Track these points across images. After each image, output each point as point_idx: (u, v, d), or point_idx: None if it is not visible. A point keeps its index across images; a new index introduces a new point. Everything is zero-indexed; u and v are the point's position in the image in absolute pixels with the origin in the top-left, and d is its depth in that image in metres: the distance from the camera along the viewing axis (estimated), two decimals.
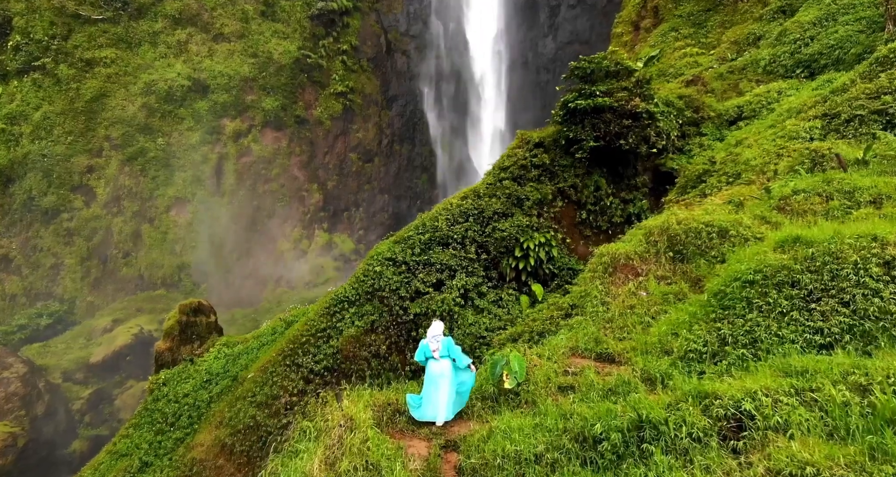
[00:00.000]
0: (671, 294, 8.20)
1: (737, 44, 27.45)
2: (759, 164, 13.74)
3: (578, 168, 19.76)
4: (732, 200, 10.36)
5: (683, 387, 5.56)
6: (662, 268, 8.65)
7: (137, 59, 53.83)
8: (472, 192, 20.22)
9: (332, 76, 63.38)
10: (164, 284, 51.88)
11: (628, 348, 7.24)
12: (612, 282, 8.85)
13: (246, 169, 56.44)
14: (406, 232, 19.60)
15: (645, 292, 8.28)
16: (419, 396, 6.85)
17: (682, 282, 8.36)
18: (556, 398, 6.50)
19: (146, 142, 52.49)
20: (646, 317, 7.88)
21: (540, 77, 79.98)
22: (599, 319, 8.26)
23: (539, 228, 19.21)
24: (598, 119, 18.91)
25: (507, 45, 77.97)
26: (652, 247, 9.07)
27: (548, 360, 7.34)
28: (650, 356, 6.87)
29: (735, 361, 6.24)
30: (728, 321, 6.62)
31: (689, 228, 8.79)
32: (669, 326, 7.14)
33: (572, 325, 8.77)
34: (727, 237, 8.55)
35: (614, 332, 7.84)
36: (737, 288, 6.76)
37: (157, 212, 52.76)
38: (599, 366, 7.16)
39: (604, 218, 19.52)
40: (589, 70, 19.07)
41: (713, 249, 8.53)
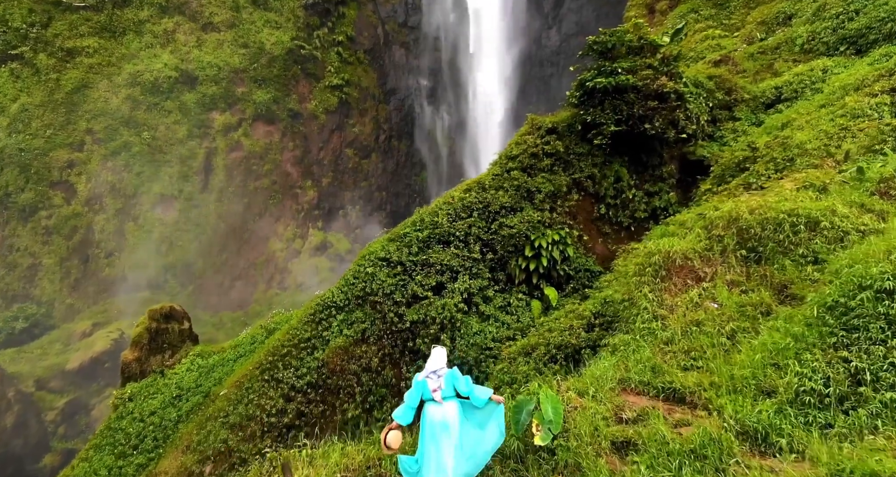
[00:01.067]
0: (750, 306, 6.20)
1: (764, 24, 25.43)
2: (817, 147, 11.74)
3: (596, 156, 17.75)
4: (808, 185, 8.37)
5: (820, 456, 3.57)
6: (733, 270, 6.66)
7: (122, 48, 51.81)
8: (476, 184, 18.21)
9: (326, 68, 61.39)
10: (148, 286, 49.84)
11: (704, 384, 5.22)
12: (667, 289, 6.86)
13: (236, 164, 54.43)
14: (402, 229, 17.59)
15: (714, 303, 6.29)
16: (414, 459, 4.82)
17: (763, 289, 6.36)
18: (611, 462, 4.49)
19: (130, 136, 50.46)
20: (720, 337, 5.87)
21: (544, 70, 77.98)
22: (654, 338, 6.26)
23: (552, 225, 17.19)
24: (619, 100, 16.89)
25: (509, 37, 75.96)
26: (716, 243, 7.07)
27: (592, 398, 5.31)
28: (741, 397, 4.85)
29: (880, 409, 4.23)
30: (859, 349, 4.62)
31: (765, 219, 6.81)
32: (764, 354, 5.12)
33: (616, 345, 6.76)
34: (818, 230, 6.58)
35: (677, 357, 5.83)
36: (867, 300, 4.77)
37: (141, 209, 50.73)
38: (667, 408, 5.14)
39: (625, 213, 17.50)
40: (610, 45, 17.04)
41: (800, 246, 6.55)
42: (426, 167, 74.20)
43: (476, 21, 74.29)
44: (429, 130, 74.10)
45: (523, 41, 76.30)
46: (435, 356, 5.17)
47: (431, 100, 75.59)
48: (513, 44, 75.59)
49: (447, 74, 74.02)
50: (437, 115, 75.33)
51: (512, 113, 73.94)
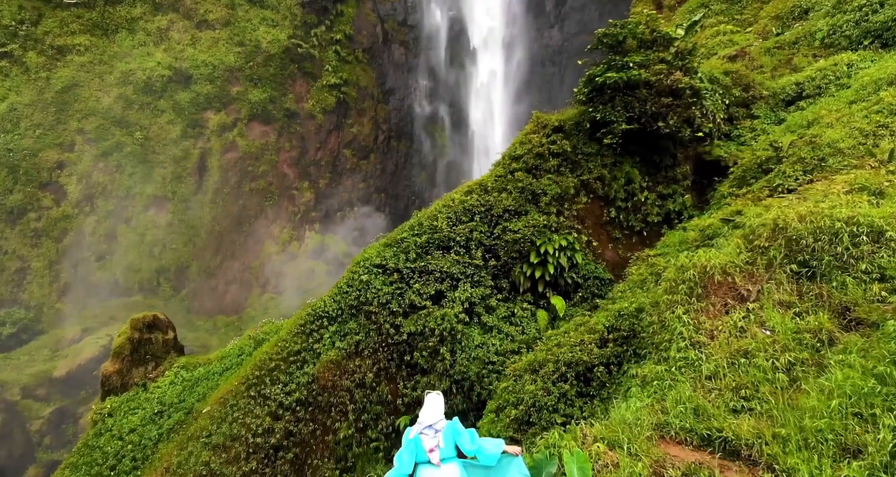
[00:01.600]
0: (807, 332, 5.22)
1: (779, 19, 24.50)
2: (852, 146, 10.78)
3: (606, 157, 16.77)
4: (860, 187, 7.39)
5: None
6: (782, 289, 5.68)
7: (114, 46, 50.89)
8: (477, 185, 17.24)
9: (324, 67, 60.48)
10: (141, 290, 48.86)
11: (765, 435, 4.23)
12: (704, 310, 5.87)
13: (231, 165, 53.47)
14: (399, 233, 16.62)
15: (764, 329, 5.32)
16: None
17: (820, 312, 5.39)
18: None
19: (122, 136, 49.52)
20: (775, 371, 4.89)
21: (546, 70, 77.08)
22: (693, 371, 5.28)
23: (559, 229, 16.22)
24: (631, 96, 15.92)
25: (511, 36, 75.08)
26: (760, 256, 6.09)
27: (626, 452, 4.33)
28: (817, 456, 3.87)
29: None
30: None
31: (818, 228, 5.83)
32: (842, 399, 4.14)
33: (646, 377, 5.77)
34: (883, 242, 5.62)
35: (724, 396, 4.85)
36: None
37: (134, 211, 49.75)
38: (719, 465, 4.16)
39: (637, 217, 16.52)
40: (621, 38, 16.08)
41: (862, 260, 5.59)
42: (426, 168, 73.28)
43: (477, 20, 73.41)
44: (429, 131, 73.19)
45: (525, 40, 75.44)
46: (430, 405, 4.17)
47: (431, 100, 74.67)
48: (514, 43, 74.72)
49: (447, 74, 73.13)
50: (437, 115, 74.38)
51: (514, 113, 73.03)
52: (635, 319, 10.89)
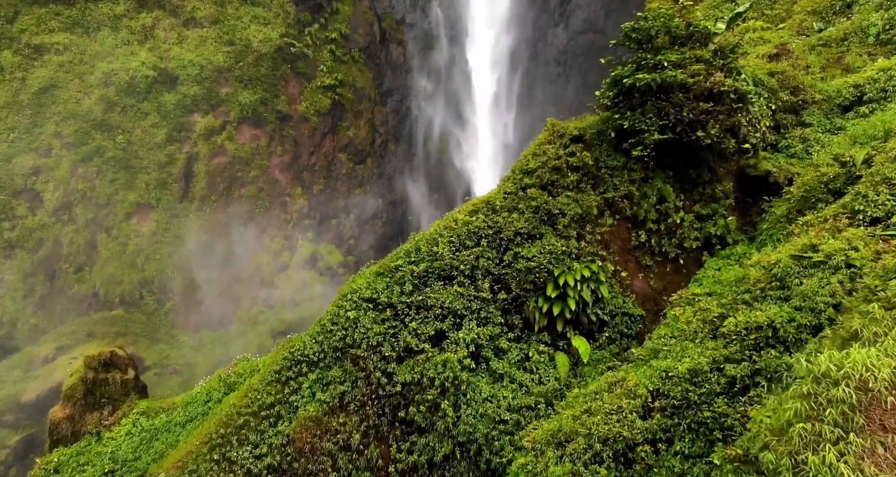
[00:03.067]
0: None
1: (816, 13, 22.43)
2: None
3: (634, 171, 14.64)
4: None
5: None
6: None
7: (95, 45, 48.83)
8: (484, 204, 15.11)
9: (318, 67, 58.38)
10: (122, 303, 46.68)
11: None
12: (871, 453, 3.72)
13: (219, 171, 51.36)
14: (393, 260, 14.48)
15: None
16: None
17: None
18: None
19: (103, 140, 47.41)
20: None
21: (550, 70, 75.03)
22: None
23: (580, 256, 14.09)
24: (665, 101, 13.81)
25: (513, 35, 73.08)
26: None
27: None
28: None
29: None
30: None
31: None
32: None
33: None
34: None
35: None
36: None
37: (115, 220, 47.61)
38: None
39: (671, 241, 14.37)
40: (653, 32, 13.96)
41: None
42: (425, 173, 71.15)
43: (478, 18, 71.44)
44: (428, 134, 71.13)
45: (528, 39, 73.46)
46: None
47: (431, 101, 72.62)
48: (517, 42, 72.74)
49: (447, 74, 71.11)
50: (436, 117, 72.31)
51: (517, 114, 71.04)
52: (690, 384, 8.75)
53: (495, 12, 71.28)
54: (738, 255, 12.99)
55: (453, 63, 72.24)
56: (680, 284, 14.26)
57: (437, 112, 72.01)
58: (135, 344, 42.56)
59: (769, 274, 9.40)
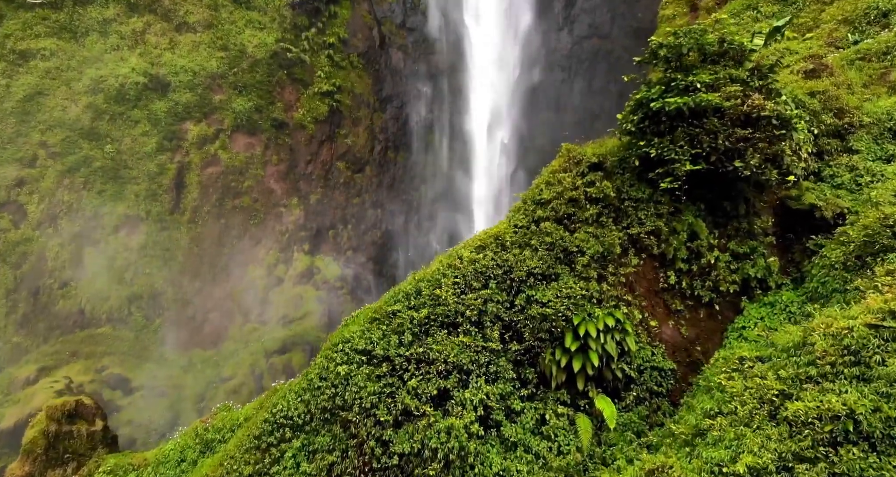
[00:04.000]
0: None
1: (848, 23, 21.01)
2: None
3: (662, 204, 13.18)
4: None
5: None
6: None
7: (83, 51, 47.49)
8: (492, 239, 13.65)
9: (316, 73, 57.07)
10: (109, 320, 45.18)
11: None
12: None
13: (212, 181, 49.94)
14: (390, 304, 13.01)
15: None
16: None
17: None
18: None
19: (91, 149, 46.01)
20: None
21: (553, 76, 73.69)
22: None
23: (602, 301, 12.62)
24: (698, 128, 12.35)
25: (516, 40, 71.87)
26: None
27: None
28: None
29: None
30: None
31: None
32: None
33: None
34: None
35: None
36: None
37: (103, 233, 46.14)
38: None
39: (704, 284, 12.91)
40: (685, 49, 12.52)
41: None
42: (426, 182, 69.76)
43: (480, 22, 70.19)
44: (429, 141, 69.78)
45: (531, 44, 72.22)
46: None
47: (432, 108, 71.30)
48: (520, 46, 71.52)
49: (449, 80, 69.83)
50: (438, 124, 70.98)
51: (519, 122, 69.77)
52: None
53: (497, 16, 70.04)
54: (784, 303, 11.52)
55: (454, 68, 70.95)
56: (715, 332, 12.80)
57: (438, 118, 70.68)
58: (122, 364, 41.09)
59: (840, 345, 7.94)
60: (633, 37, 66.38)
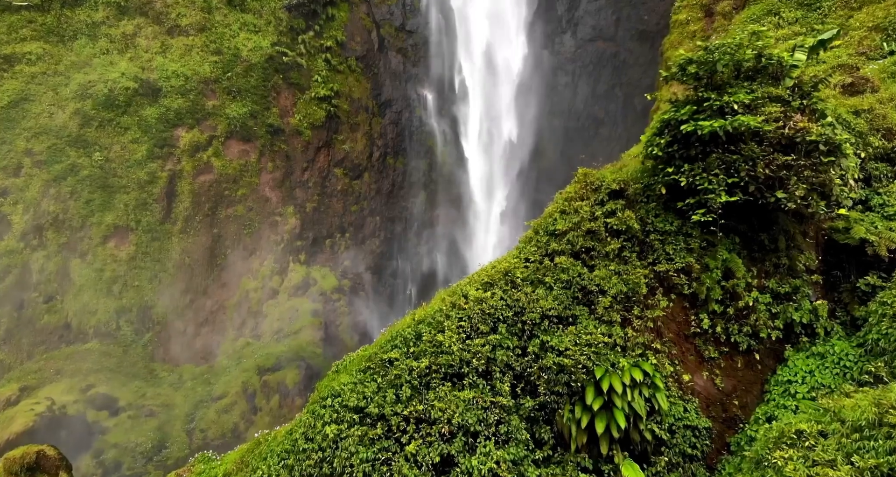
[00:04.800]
0: None
1: (880, 30, 19.71)
2: None
3: (692, 237, 11.82)
4: None
5: None
6: None
7: (71, 55, 46.19)
8: (501, 275, 12.30)
9: (313, 77, 55.80)
10: (97, 335, 43.79)
11: None
12: None
13: (205, 189, 48.59)
14: (385, 349, 11.64)
15: None
16: None
17: None
18: None
19: (79, 157, 44.66)
20: None
21: (557, 79, 72.44)
22: None
23: (627, 348, 11.25)
24: (735, 154, 11.00)
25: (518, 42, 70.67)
26: None
27: None
28: None
29: None
30: None
31: None
32: None
33: None
34: None
35: None
36: None
37: (90, 244, 44.78)
38: None
39: (742, 328, 11.54)
40: (723, 65, 11.17)
41: None
42: (426, 187, 68.46)
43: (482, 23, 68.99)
44: (429, 146, 68.48)
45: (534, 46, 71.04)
46: None
47: (432, 112, 70.04)
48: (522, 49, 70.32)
49: (449, 83, 68.59)
50: (438, 129, 69.73)
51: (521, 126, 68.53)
52: None
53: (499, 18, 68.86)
54: (836, 355, 10.18)
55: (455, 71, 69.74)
56: (754, 384, 11.43)
57: (438, 123, 69.43)
58: (108, 382, 39.66)
59: None
60: (639, 40, 65.11)
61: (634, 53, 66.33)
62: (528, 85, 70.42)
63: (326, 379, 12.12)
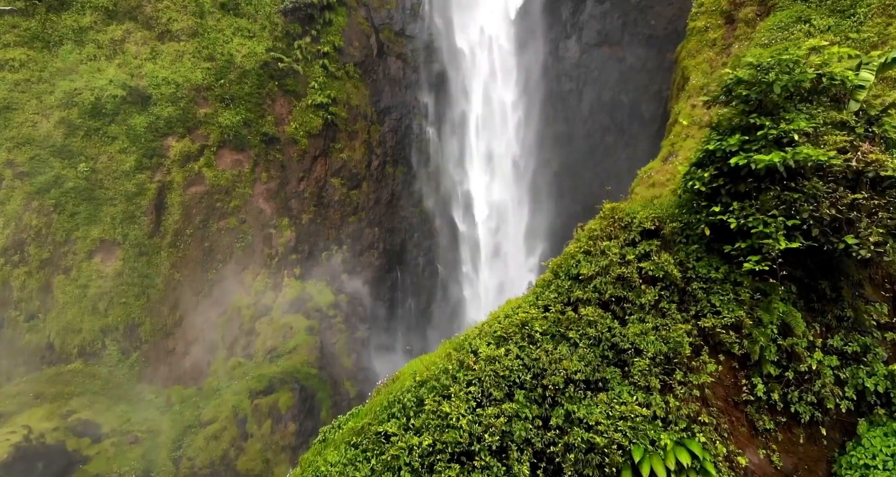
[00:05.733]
0: None
1: None
2: None
3: (741, 286, 10.17)
4: None
5: None
6: None
7: (57, 61, 44.67)
8: (516, 328, 10.64)
9: (309, 84, 54.35)
10: (81, 355, 42.12)
11: None
12: None
13: (196, 201, 47.00)
14: (381, 419, 9.98)
15: None
16: None
17: None
18: None
19: (63, 168, 43.08)
20: None
21: (562, 86, 70.99)
22: None
23: (668, 420, 9.59)
24: (796, 191, 9.38)
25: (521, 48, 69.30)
26: None
27: None
28: None
29: None
30: None
31: None
32: None
33: None
34: None
35: None
36: None
37: (75, 259, 43.14)
38: None
39: (803, 396, 9.88)
40: (780, 86, 9.55)
41: None
42: (426, 197, 66.93)
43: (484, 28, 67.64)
44: (429, 155, 67.00)
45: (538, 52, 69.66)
46: None
47: (433, 119, 68.58)
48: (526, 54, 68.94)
49: (450, 90, 67.16)
50: (439, 136, 68.24)
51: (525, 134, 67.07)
52: None
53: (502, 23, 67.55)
54: None
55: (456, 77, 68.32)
56: (818, 461, 9.77)
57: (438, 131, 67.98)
58: (91, 406, 37.98)
59: None
60: (646, 45, 63.74)
61: (641, 59, 64.88)
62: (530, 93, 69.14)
63: (311, 452, 10.47)
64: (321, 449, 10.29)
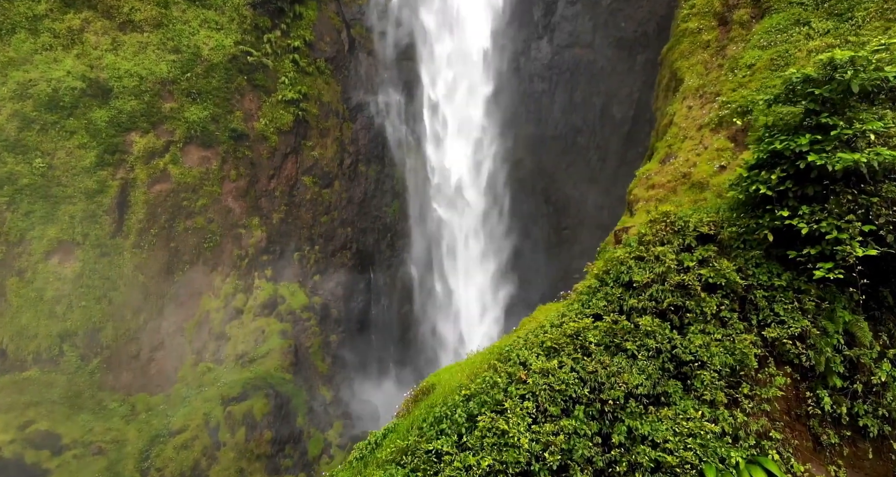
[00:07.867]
0: None
1: None
2: None
3: (805, 294, 9.70)
4: None
5: None
6: None
7: (9, 51, 41.84)
8: (568, 339, 9.92)
9: (279, 79, 52.65)
10: (37, 362, 39.53)
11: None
12: None
13: (161, 200, 44.79)
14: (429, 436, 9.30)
15: None
16: None
17: None
18: None
19: (17, 164, 40.34)
20: None
21: (533, 86, 70.97)
22: None
23: (737, 437, 9.03)
24: (874, 195, 8.95)
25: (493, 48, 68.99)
26: None
27: None
28: None
29: None
30: None
31: None
32: None
33: None
34: None
35: None
36: None
37: (30, 260, 40.46)
38: None
39: (871, 410, 9.48)
40: (858, 85, 9.10)
41: None
42: (399, 196, 65.84)
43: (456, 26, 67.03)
44: (403, 153, 65.97)
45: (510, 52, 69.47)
46: None
47: (406, 117, 67.55)
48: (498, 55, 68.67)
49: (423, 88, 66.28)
50: (412, 135, 67.27)
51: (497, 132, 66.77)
52: None
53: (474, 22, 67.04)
54: None
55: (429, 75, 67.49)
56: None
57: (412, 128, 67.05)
58: (50, 416, 35.61)
59: None
60: (616, 47, 64.25)
61: (612, 61, 65.29)
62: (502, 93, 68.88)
63: (349, 471, 9.52)
64: (361, 468, 9.36)
